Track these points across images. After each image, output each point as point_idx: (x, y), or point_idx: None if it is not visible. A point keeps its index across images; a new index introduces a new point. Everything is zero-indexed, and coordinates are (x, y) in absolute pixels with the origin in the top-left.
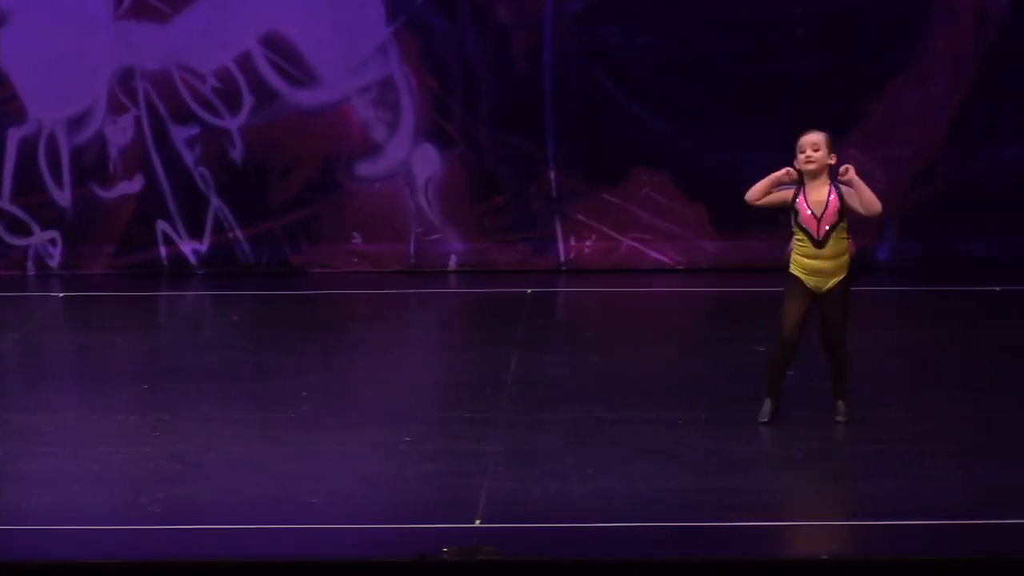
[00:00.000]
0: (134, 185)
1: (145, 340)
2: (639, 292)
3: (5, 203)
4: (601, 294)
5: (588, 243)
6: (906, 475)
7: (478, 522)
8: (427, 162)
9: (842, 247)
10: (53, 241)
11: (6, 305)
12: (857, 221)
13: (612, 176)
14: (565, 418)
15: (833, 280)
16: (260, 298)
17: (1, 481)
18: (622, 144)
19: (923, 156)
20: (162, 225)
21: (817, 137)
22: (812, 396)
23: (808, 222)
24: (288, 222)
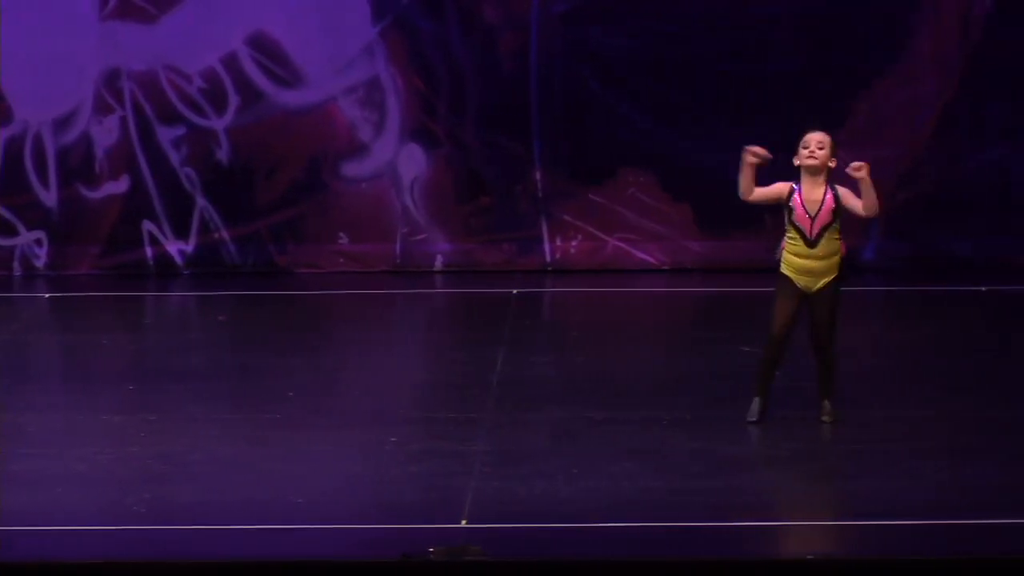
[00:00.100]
0: (120, 185)
1: (131, 340)
2: (625, 292)
3: None
4: (587, 294)
5: (574, 243)
6: (891, 475)
7: (464, 522)
8: (413, 162)
9: (834, 248)
10: (39, 241)
11: None
12: (843, 220)
13: (598, 176)
14: (551, 418)
15: (823, 280)
16: (246, 298)
17: None
18: (608, 144)
19: (909, 156)
20: (148, 225)
21: (823, 136)
22: (799, 396)
23: (802, 221)
24: (274, 222)
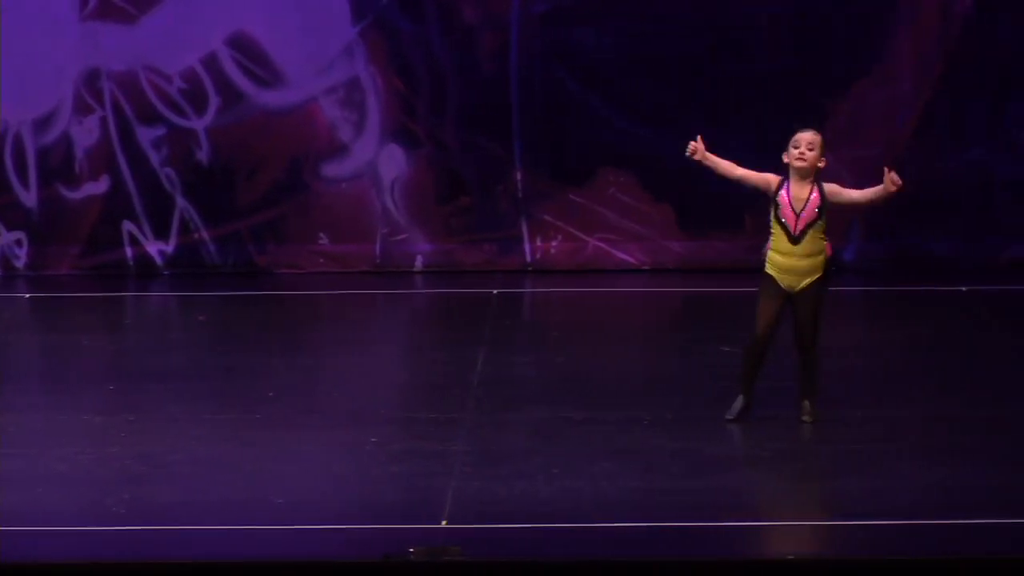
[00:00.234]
0: (100, 186)
1: (111, 341)
2: (605, 292)
3: None
4: (567, 294)
5: (554, 243)
6: (873, 475)
7: (444, 522)
8: (393, 163)
9: (818, 247)
10: (19, 242)
11: None
12: (828, 220)
13: (578, 176)
14: (531, 418)
15: (806, 280)
16: (226, 299)
17: None
18: (588, 145)
19: (889, 156)
20: (128, 226)
21: (813, 137)
22: (782, 396)
23: (787, 217)
24: (254, 223)
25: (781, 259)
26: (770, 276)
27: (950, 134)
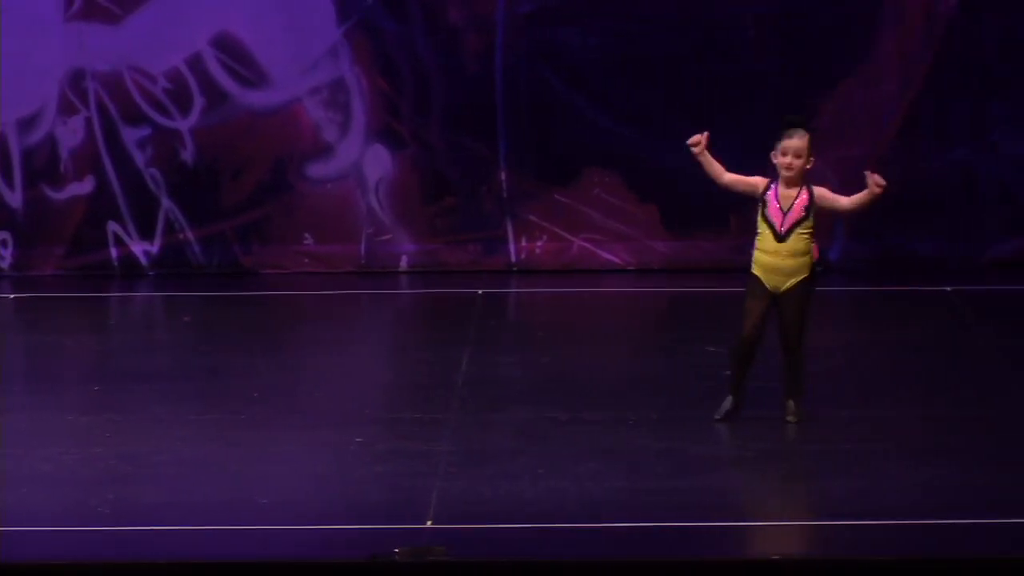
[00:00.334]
0: (85, 186)
1: (96, 341)
2: (590, 292)
3: None
4: (552, 294)
5: (539, 243)
6: (859, 475)
7: (429, 523)
8: (378, 163)
9: (804, 247)
10: (4, 242)
11: None
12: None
13: (563, 177)
14: (516, 418)
15: (792, 280)
16: (211, 299)
17: None
18: (573, 145)
19: (874, 156)
20: (113, 226)
21: (800, 144)
22: (767, 397)
23: (774, 215)
24: (239, 223)
25: (767, 258)
26: (756, 277)
27: (935, 134)
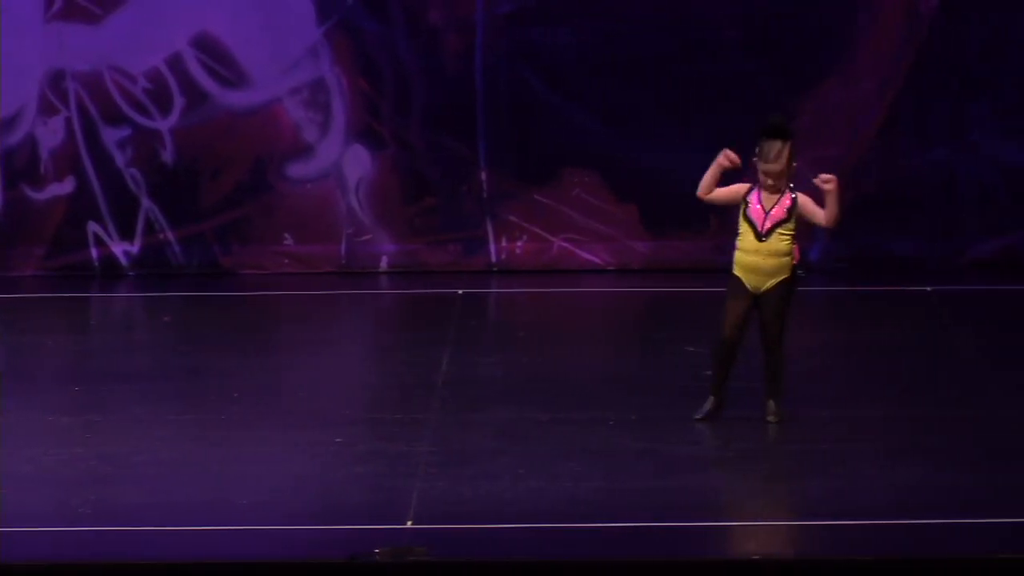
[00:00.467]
0: (65, 187)
1: (76, 342)
2: (570, 293)
3: None
4: (532, 295)
5: (519, 244)
6: (839, 475)
7: (410, 523)
8: (358, 163)
9: (784, 248)
10: None
11: None
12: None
13: (543, 177)
14: (496, 419)
15: (772, 281)
16: (191, 299)
17: None
18: (553, 145)
19: (854, 156)
20: (93, 227)
21: (779, 167)
22: (747, 397)
23: (755, 215)
24: (219, 223)
25: (747, 258)
26: (737, 277)
27: (915, 134)
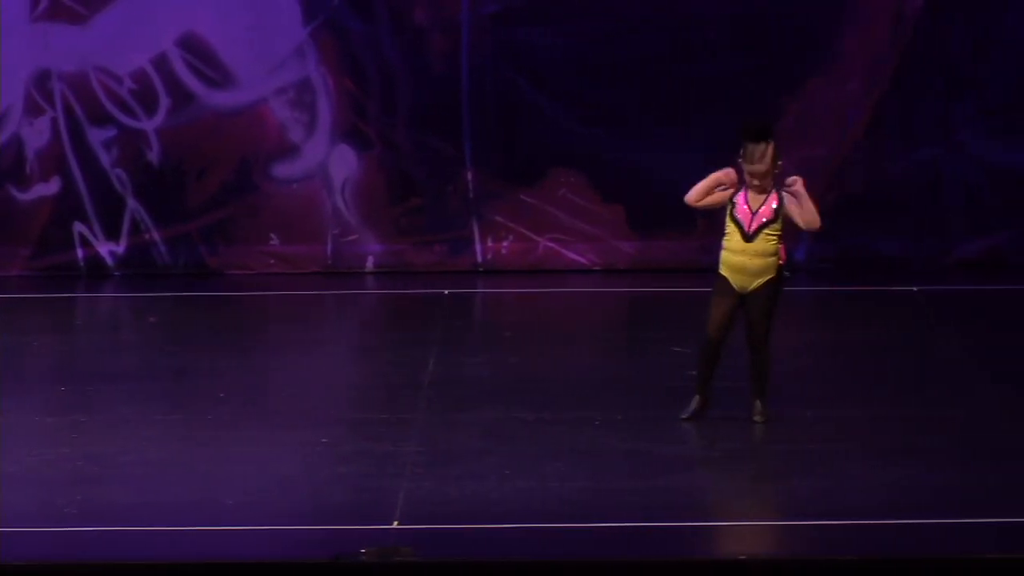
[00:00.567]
0: (51, 187)
1: (62, 342)
2: (557, 293)
3: None
4: (518, 295)
5: (505, 244)
6: (823, 475)
7: (396, 523)
8: (344, 163)
9: (771, 248)
10: None
11: None
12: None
13: (529, 177)
14: (483, 419)
15: (758, 281)
16: (177, 300)
17: None
18: (539, 145)
19: (839, 156)
20: (79, 227)
21: (764, 167)
22: (733, 397)
23: (742, 215)
24: (205, 224)
25: (734, 258)
26: (723, 277)
27: (901, 134)
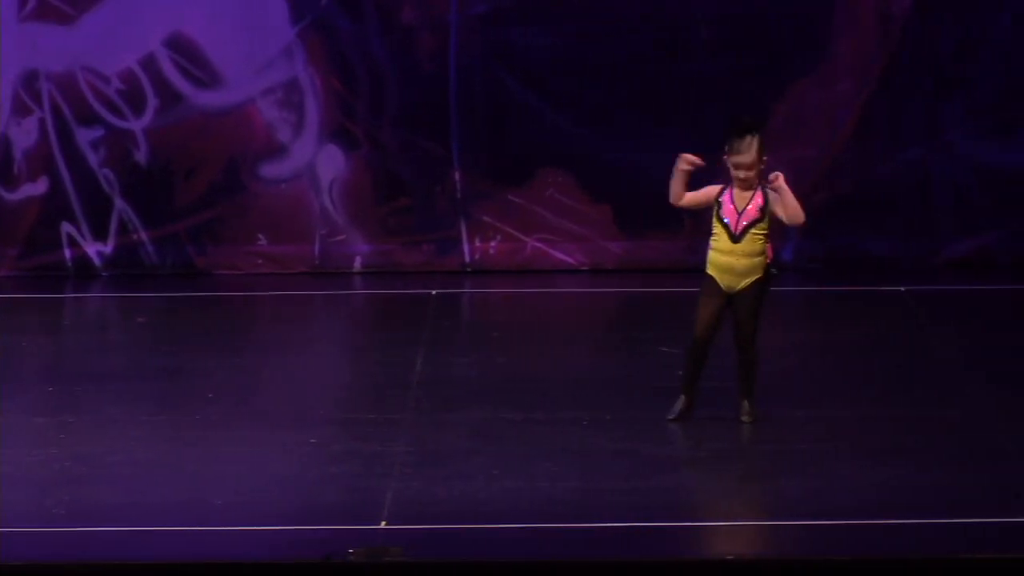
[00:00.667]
0: (38, 187)
1: (51, 342)
2: (544, 293)
3: None
4: (506, 295)
5: (493, 244)
6: (812, 475)
7: (384, 523)
8: (332, 163)
9: (758, 248)
10: None
11: None
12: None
13: (517, 177)
14: (471, 419)
15: (746, 281)
16: (165, 300)
17: None
18: (527, 145)
19: (828, 156)
20: (67, 227)
21: (751, 158)
22: (721, 397)
23: (729, 215)
24: (192, 224)
25: (721, 258)
26: (710, 277)
27: (889, 134)
